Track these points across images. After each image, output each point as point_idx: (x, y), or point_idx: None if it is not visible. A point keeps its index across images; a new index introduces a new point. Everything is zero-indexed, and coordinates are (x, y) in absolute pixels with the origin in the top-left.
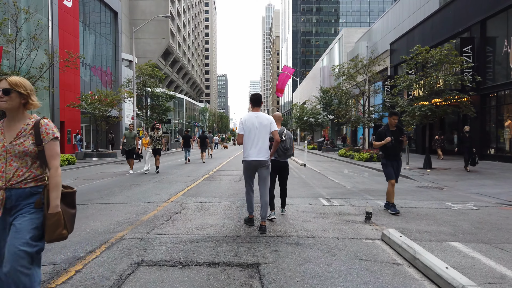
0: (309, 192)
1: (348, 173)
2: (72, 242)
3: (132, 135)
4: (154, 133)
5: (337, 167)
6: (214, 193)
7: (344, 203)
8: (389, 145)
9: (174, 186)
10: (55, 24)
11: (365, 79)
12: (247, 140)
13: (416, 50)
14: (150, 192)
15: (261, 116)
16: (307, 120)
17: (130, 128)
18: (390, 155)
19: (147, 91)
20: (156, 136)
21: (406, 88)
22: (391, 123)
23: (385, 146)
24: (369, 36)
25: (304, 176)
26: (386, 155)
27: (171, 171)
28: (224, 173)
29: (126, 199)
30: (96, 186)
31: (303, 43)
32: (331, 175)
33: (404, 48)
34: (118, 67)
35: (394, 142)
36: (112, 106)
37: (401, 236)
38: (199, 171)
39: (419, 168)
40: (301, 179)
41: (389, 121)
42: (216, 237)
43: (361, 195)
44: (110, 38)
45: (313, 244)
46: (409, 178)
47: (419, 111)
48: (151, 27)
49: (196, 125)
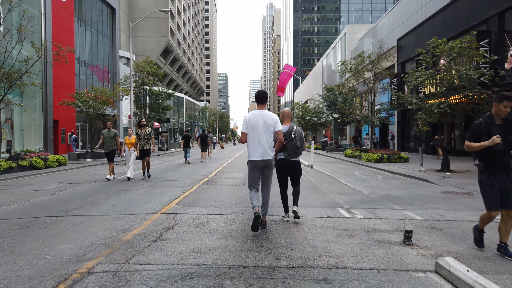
0: (324, 200)
1: (360, 176)
2: (21, 278)
3: (111, 134)
4: (141, 130)
5: (346, 168)
6: (214, 202)
7: (368, 215)
8: (497, 149)
9: (169, 192)
10: (48, 18)
11: (373, 75)
12: (251, 139)
13: (433, 42)
14: (139, 200)
15: (265, 114)
16: (309, 119)
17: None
18: (495, 166)
19: (145, 89)
20: (144, 134)
21: (420, 83)
22: (500, 112)
23: (489, 150)
24: (373, 33)
25: (313, 179)
26: (488, 166)
27: (168, 173)
28: (225, 176)
29: (110, 209)
30: (81, 192)
31: (304, 42)
32: (342, 178)
33: (412, 44)
34: (116, 65)
35: (504, 144)
36: (107, 104)
37: (468, 271)
38: (198, 174)
39: (436, 170)
40: (310, 183)
41: (497, 110)
42: (216, 269)
43: (384, 203)
44: (108, 35)
45: (347, 281)
46: (429, 182)
47: (437, 108)
48: (150, 24)
49: (196, 125)
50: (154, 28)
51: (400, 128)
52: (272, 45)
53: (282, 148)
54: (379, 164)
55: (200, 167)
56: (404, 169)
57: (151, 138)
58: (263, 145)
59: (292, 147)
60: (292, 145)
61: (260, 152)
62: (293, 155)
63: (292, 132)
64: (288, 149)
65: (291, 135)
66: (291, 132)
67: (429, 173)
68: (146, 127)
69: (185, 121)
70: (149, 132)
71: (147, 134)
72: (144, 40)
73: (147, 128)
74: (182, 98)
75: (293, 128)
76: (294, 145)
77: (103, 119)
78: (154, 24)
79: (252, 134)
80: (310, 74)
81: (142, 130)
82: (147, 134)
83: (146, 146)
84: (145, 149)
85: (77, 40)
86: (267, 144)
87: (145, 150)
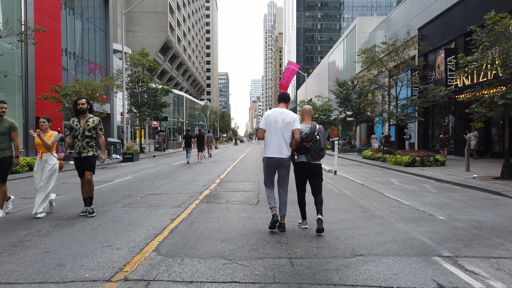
0: (394, 236)
1: (403, 186)
2: None
3: (2, 128)
4: (78, 121)
5: (376, 174)
6: (220, 243)
7: (503, 276)
8: None
9: (149, 220)
10: (29, 3)
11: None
12: (268, 136)
13: (494, 16)
14: (87, 245)
15: (285, 112)
16: (318, 117)
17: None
18: None
19: (140, 85)
20: (84, 127)
21: (477, 69)
22: None
23: None
24: (387, 24)
25: (348, 191)
26: None
27: (158, 182)
28: (232, 186)
29: (13, 274)
30: (11, 222)
31: (307, 39)
32: (384, 189)
33: (438, 32)
34: (109, 58)
35: None
36: (94, 99)
37: None
38: (196, 183)
39: (494, 177)
40: (348, 197)
41: None
42: None
43: (492, 241)
44: (100, 25)
45: None
46: (506, 196)
47: (502, 99)
48: (149, 19)
49: (196, 124)
50: (153, 23)
51: (422, 127)
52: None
53: (305, 150)
54: (412, 169)
55: (200, 173)
56: (451, 176)
57: (97, 137)
58: (280, 143)
59: (316, 149)
60: (316, 147)
61: (276, 150)
62: (316, 158)
63: (315, 131)
64: (311, 152)
65: (315, 136)
66: (315, 132)
67: (489, 181)
68: (90, 114)
69: (185, 120)
70: (95, 124)
71: (89, 128)
72: (142, 35)
73: (90, 117)
74: (182, 96)
75: (316, 128)
76: (318, 147)
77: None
78: (153, 19)
79: (269, 131)
80: (314, 71)
81: (82, 121)
82: (89, 128)
83: (85, 152)
84: (84, 157)
85: (64, 30)
86: (284, 142)
87: (83, 158)
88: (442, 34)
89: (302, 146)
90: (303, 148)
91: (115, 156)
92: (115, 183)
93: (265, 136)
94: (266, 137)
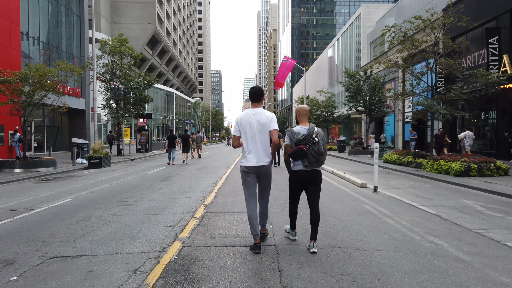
0: None
1: (488, 212)
2: None
3: None
4: None
5: (426, 190)
6: None
7: None
8: None
9: None
10: None
11: (441, 40)
12: (244, 143)
13: None
14: None
15: (259, 112)
16: (320, 114)
17: None
18: None
19: (118, 76)
20: None
21: None
22: None
23: None
24: (397, 11)
25: (440, 240)
26: None
27: (110, 208)
28: (224, 229)
29: None
30: None
31: (303, 35)
32: (484, 227)
33: (471, 10)
34: (83, 46)
35: None
36: (53, 89)
37: None
38: (163, 217)
39: None
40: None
41: None
42: None
43: None
44: (72, 8)
45: None
46: None
47: None
48: (135, 10)
49: (187, 123)
50: (140, 14)
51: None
52: (268, 41)
53: (301, 154)
54: (470, 180)
55: (177, 191)
56: None
57: None
58: (257, 149)
59: (314, 153)
60: (315, 151)
61: (252, 157)
62: (315, 164)
63: (313, 134)
64: (308, 157)
65: (313, 138)
66: (312, 133)
67: None
68: None
69: (175, 119)
70: None
71: None
72: (128, 27)
73: None
74: (173, 93)
75: (314, 130)
76: (317, 151)
77: (45, 108)
78: (140, 9)
79: (245, 136)
80: (311, 67)
81: None
82: None
83: None
84: None
85: (25, 9)
86: (261, 147)
87: None
88: (478, 12)
89: (299, 149)
90: (300, 151)
91: (80, 161)
92: (14, 220)
93: (241, 142)
94: (243, 143)
